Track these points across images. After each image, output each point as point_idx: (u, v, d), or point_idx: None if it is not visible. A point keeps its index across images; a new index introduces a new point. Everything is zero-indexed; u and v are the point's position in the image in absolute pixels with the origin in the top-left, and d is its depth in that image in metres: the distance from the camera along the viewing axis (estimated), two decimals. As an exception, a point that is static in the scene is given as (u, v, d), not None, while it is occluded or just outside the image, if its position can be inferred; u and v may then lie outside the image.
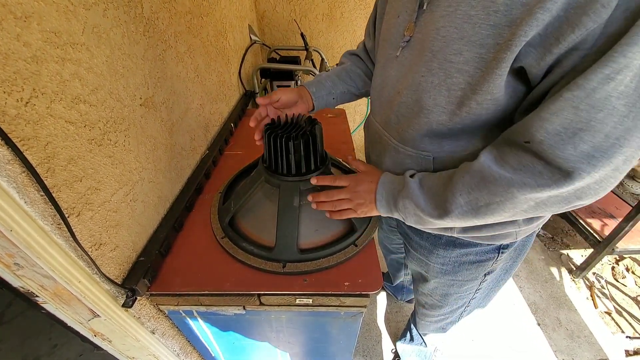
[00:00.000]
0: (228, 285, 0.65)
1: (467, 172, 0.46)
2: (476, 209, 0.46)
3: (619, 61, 0.32)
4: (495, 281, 0.76)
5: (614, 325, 1.52)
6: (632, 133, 0.35)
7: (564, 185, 0.38)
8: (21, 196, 0.41)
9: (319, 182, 0.60)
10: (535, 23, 0.34)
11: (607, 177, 0.38)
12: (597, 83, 0.33)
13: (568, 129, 0.36)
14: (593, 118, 0.35)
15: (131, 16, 0.61)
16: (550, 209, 0.43)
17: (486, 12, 0.38)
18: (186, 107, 0.87)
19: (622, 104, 0.34)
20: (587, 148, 0.36)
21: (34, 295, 0.52)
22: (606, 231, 1.59)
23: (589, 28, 0.33)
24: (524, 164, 0.41)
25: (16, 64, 0.39)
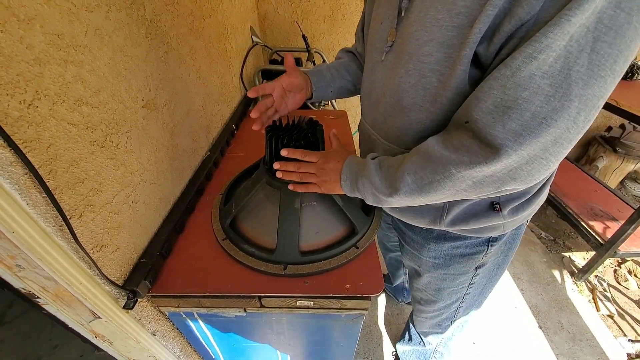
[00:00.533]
0: (229, 287, 0.65)
1: (416, 152, 0.49)
2: (421, 187, 0.48)
3: (540, 40, 0.34)
4: (489, 277, 0.77)
5: (616, 329, 1.51)
6: (559, 114, 0.36)
7: (493, 162, 0.40)
8: (23, 198, 0.41)
9: (289, 154, 0.61)
10: (486, 19, 0.38)
11: (537, 158, 0.39)
12: (521, 62, 0.36)
13: (498, 107, 0.38)
14: (519, 96, 0.37)
15: (133, 18, 0.61)
16: (487, 189, 0.44)
17: (450, 15, 0.41)
18: (188, 108, 0.88)
19: (547, 83, 0.35)
20: (515, 126, 0.38)
21: (35, 296, 0.52)
22: (608, 234, 1.58)
23: (523, 19, 0.36)
24: (463, 143, 0.43)
25: (19, 66, 0.40)
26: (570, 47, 0.34)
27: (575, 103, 0.35)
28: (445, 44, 0.43)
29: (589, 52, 0.34)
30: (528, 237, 1.99)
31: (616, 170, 2.26)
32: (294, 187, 0.63)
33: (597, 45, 0.33)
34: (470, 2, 0.39)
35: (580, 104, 0.35)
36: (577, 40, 0.33)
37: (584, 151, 2.53)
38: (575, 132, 0.38)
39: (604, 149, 2.26)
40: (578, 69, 0.34)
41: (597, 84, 0.35)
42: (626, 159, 2.18)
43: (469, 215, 0.59)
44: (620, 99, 1.50)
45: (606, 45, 0.33)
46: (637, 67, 1.81)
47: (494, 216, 0.58)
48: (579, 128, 0.37)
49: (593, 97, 0.35)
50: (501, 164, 0.40)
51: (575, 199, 1.86)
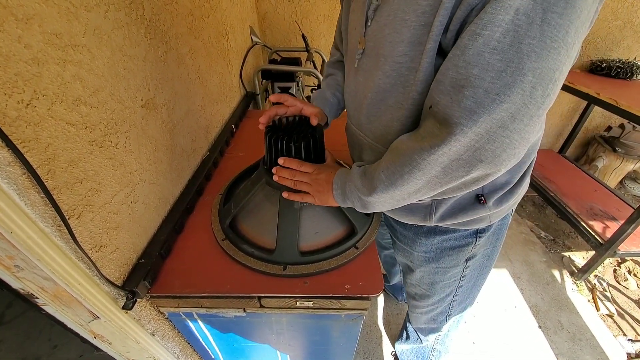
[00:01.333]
0: (228, 287, 0.65)
1: (389, 150, 0.51)
2: (394, 181, 0.49)
3: (482, 17, 0.35)
4: (479, 269, 0.79)
5: (615, 328, 1.51)
6: (512, 89, 0.36)
7: (451, 142, 0.40)
8: (21, 198, 0.41)
9: (285, 163, 0.63)
10: (445, 11, 0.39)
11: (497, 136, 0.39)
12: (467, 40, 0.37)
13: (454, 87, 0.39)
14: (470, 74, 0.37)
15: (132, 18, 0.61)
16: (458, 173, 0.44)
17: (416, 14, 0.42)
18: (187, 108, 0.87)
19: (497, 59, 0.35)
20: (470, 103, 0.38)
21: (34, 297, 0.52)
22: (608, 233, 1.59)
23: (473, 4, 0.37)
24: (427, 129, 0.44)
25: (17, 66, 0.39)
26: (517, 20, 0.33)
27: (529, 77, 0.35)
28: (416, 42, 0.44)
29: (539, 23, 0.33)
30: (528, 237, 1.99)
31: (616, 170, 2.26)
32: (288, 194, 0.64)
33: (548, 16, 0.33)
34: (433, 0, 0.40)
35: (535, 77, 0.35)
36: (525, 13, 0.33)
37: (584, 151, 2.53)
38: (534, 107, 0.37)
39: (604, 148, 2.26)
40: (529, 42, 0.34)
41: (550, 56, 0.34)
42: (626, 159, 2.18)
43: (457, 210, 0.61)
44: (620, 98, 1.50)
45: (557, 15, 0.33)
46: (636, 66, 1.81)
47: (480, 208, 0.60)
48: (537, 103, 0.37)
49: (548, 70, 0.35)
50: (460, 143, 0.40)
51: (574, 198, 1.87)
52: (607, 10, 1.82)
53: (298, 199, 0.64)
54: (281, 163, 0.63)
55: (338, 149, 1.11)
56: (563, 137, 2.43)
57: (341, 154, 1.07)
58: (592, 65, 1.98)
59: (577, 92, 1.75)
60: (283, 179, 0.63)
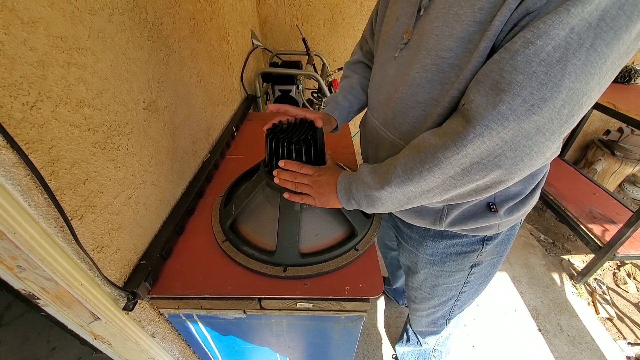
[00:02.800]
0: (229, 289, 0.65)
1: (409, 146, 0.50)
2: (411, 177, 0.48)
3: (538, 26, 0.35)
4: (484, 276, 0.79)
5: (615, 332, 1.51)
6: (546, 103, 0.36)
7: (475, 142, 0.40)
8: (25, 199, 0.41)
9: (286, 166, 0.63)
10: (507, 12, 0.38)
11: (520, 145, 0.39)
12: (520, 46, 0.36)
13: (493, 90, 0.39)
14: (514, 80, 0.37)
15: (136, 21, 0.62)
16: (474, 176, 0.44)
17: (472, 10, 0.42)
18: (189, 111, 0.88)
19: (542, 71, 0.36)
20: (505, 109, 0.38)
21: (35, 297, 0.52)
22: (607, 237, 1.59)
23: (530, 9, 0.37)
24: (452, 127, 0.44)
25: (23, 69, 0.40)
26: (570, 39, 0.34)
27: (562, 95, 0.36)
28: (465, 38, 0.43)
29: (588, 47, 0.34)
30: (527, 240, 1.99)
31: (615, 173, 2.27)
32: (289, 195, 0.64)
33: (596, 42, 0.34)
34: None
35: (567, 97, 0.36)
36: (579, 33, 0.34)
37: (583, 154, 2.54)
38: (558, 124, 0.38)
39: (602, 152, 2.27)
40: (575, 62, 0.35)
41: (585, 80, 0.35)
42: (624, 162, 2.19)
43: (467, 217, 0.61)
44: (618, 102, 1.51)
45: (604, 43, 0.34)
46: (634, 71, 1.82)
47: (491, 216, 0.60)
48: (562, 121, 0.38)
49: (580, 92, 0.36)
50: (485, 146, 0.41)
51: (574, 201, 1.87)
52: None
53: (298, 200, 0.64)
54: (282, 165, 0.63)
55: (338, 151, 1.12)
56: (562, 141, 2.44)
57: (341, 156, 1.08)
58: (590, 69, 1.99)
59: (575, 96, 1.75)
60: (284, 181, 0.63)
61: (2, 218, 0.39)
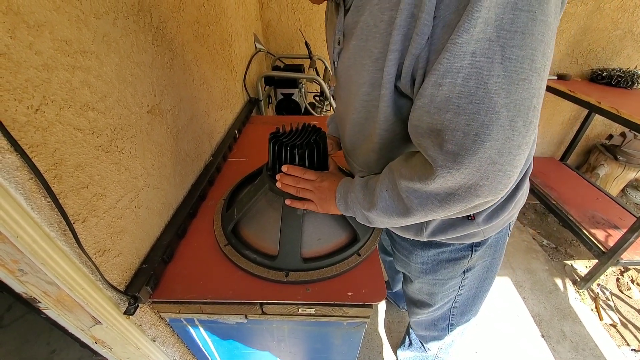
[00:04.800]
0: (230, 293, 0.64)
1: (388, 169, 0.52)
2: (395, 205, 0.50)
3: (438, 68, 0.36)
4: (480, 280, 0.78)
5: (619, 338, 1.49)
6: (489, 127, 0.35)
7: (440, 182, 0.41)
8: (28, 202, 0.41)
9: (289, 171, 0.63)
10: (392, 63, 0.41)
11: (489, 172, 0.38)
12: (432, 89, 0.37)
13: (432, 131, 0.40)
14: (444, 119, 0.37)
15: (140, 25, 0.62)
16: (456, 207, 0.44)
17: (371, 60, 0.45)
18: (192, 114, 0.88)
19: (466, 102, 0.35)
20: (452, 147, 0.38)
21: (36, 301, 0.52)
22: (610, 242, 1.58)
23: (416, 54, 0.38)
24: (417, 162, 0.46)
25: (28, 72, 0.40)
26: (477, 63, 0.33)
27: (504, 113, 0.34)
28: (375, 84, 0.46)
29: (499, 61, 0.33)
30: (530, 245, 1.98)
31: (617, 178, 2.26)
32: (291, 202, 0.64)
33: (507, 52, 0.33)
34: (382, 48, 0.42)
35: (510, 111, 0.34)
36: (483, 54, 0.33)
37: (585, 159, 2.53)
38: (519, 138, 0.36)
39: (605, 156, 2.26)
40: (495, 80, 0.34)
41: (521, 88, 0.34)
42: (627, 167, 2.18)
43: (447, 226, 0.61)
44: (621, 107, 1.51)
45: (517, 49, 0.32)
46: (636, 75, 1.82)
47: (470, 225, 0.60)
48: (521, 133, 0.36)
49: (523, 100, 0.34)
50: (450, 183, 0.40)
51: (576, 206, 1.86)
52: (608, 20, 1.84)
53: (300, 206, 0.64)
54: (285, 170, 0.63)
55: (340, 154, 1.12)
56: (564, 145, 2.44)
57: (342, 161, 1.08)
58: (592, 74, 1.99)
59: (578, 101, 1.76)
60: (286, 186, 0.63)
61: (4, 222, 0.39)
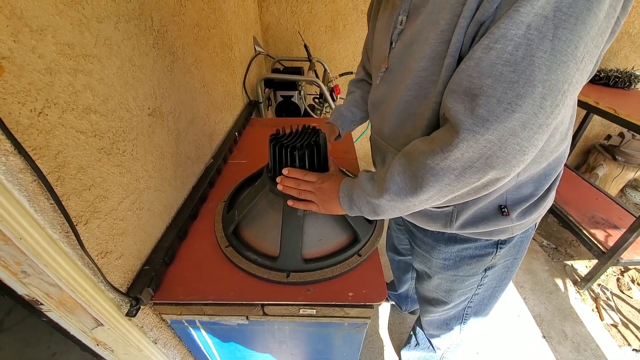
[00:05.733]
0: (232, 294, 0.65)
1: (402, 153, 0.52)
2: (408, 185, 0.50)
3: (494, 32, 0.37)
4: (498, 279, 0.78)
5: (620, 338, 1.49)
6: (523, 99, 0.37)
7: (462, 147, 0.42)
8: (31, 204, 0.42)
9: (290, 174, 0.64)
10: (461, 30, 0.42)
11: (509, 144, 0.40)
12: (481, 52, 0.39)
13: (468, 96, 0.41)
14: (484, 84, 0.39)
15: (141, 29, 0.63)
16: (470, 180, 0.45)
17: (436, 33, 0.46)
18: (192, 116, 0.89)
19: (509, 70, 0.37)
20: (483, 112, 0.39)
21: (38, 303, 0.52)
22: (610, 242, 1.58)
23: (481, 20, 0.40)
24: (439, 134, 0.46)
25: (31, 76, 0.41)
26: (530, 35, 0.36)
27: (539, 88, 0.37)
28: (435, 57, 0.47)
29: (551, 38, 0.35)
30: (530, 246, 1.97)
31: (616, 178, 2.26)
32: (293, 203, 0.65)
33: (559, 32, 0.35)
34: (450, 18, 0.43)
35: (545, 89, 0.37)
36: (537, 28, 0.35)
37: (584, 159, 2.54)
38: (543, 117, 0.38)
39: (604, 157, 2.27)
40: (541, 55, 0.36)
41: (560, 69, 0.36)
42: (626, 167, 2.18)
43: (479, 219, 0.61)
44: (619, 107, 1.52)
45: (567, 31, 0.35)
46: (634, 76, 1.83)
47: (503, 220, 0.59)
48: (547, 113, 0.38)
49: (557, 82, 0.37)
50: (472, 149, 0.41)
51: (576, 207, 1.86)
52: (604, 22, 1.85)
53: (303, 208, 0.64)
54: (285, 173, 0.64)
55: (340, 156, 1.12)
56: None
57: (343, 162, 1.08)
58: (590, 74, 2.00)
59: (576, 101, 1.76)
60: (288, 188, 0.64)
61: (8, 223, 0.40)
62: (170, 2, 0.74)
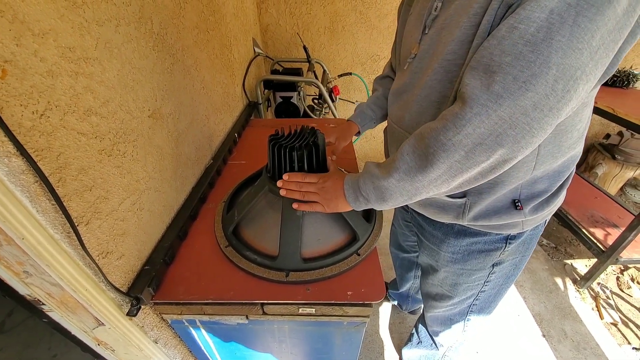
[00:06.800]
0: (231, 294, 0.65)
1: (414, 135, 0.53)
2: (418, 164, 0.50)
3: (519, 13, 0.39)
4: (505, 277, 0.78)
5: (620, 337, 1.49)
6: (537, 79, 0.39)
7: (474, 122, 0.43)
8: (33, 205, 0.42)
9: (290, 178, 0.64)
10: (492, 12, 0.44)
11: (519, 122, 0.42)
12: (505, 31, 0.40)
13: (486, 72, 0.42)
14: (503, 61, 0.40)
15: (141, 32, 0.64)
16: (479, 158, 0.46)
17: (468, 16, 0.47)
18: (192, 118, 0.89)
19: (529, 50, 0.39)
20: (498, 88, 0.41)
21: (40, 303, 0.53)
22: (609, 240, 1.58)
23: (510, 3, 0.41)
24: (451, 110, 0.47)
25: (33, 78, 0.41)
26: (552, 19, 0.37)
27: (553, 70, 0.38)
28: (465, 40, 0.49)
29: (571, 24, 0.37)
30: (529, 245, 1.98)
31: (616, 177, 2.27)
32: (298, 205, 0.65)
33: (579, 19, 0.37)
34: (483, 1, 0.44)
35: (558, 72, 0.39)
36: (559, 13, 0.37)
37: (583, 158, 2.54)
38: (554, 100, 0.40)
39: (603, 156, 2.27)
40: (559, 39, 0.37)
41: (574, 55, 0.38)
42: (625, 166, 2.19)
43: (491, 212, 0.62)
44: (618, 107, 1.52)
45: (587, 20, 0.36)
46: (632, 75, 1.83)
47: (516, 214, 0.60)
48: (558, 96, 0.40)
49: (571, 67, 0.38)
50: (484, 125, 0.43)
51: (575, 206, 1.87)
52: (602, 21, 1.86)
53: (308, 209, 0.65)
54: (286, 179, 0.64)
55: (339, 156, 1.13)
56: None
57: (342, 162, 1.09)
58: (588, 74, 2.00)
59: (574, 101, 1.77)
60: (291, 191, 0.64)
61: (10, 224, 0.40)
62: (170, 4, 0.75)
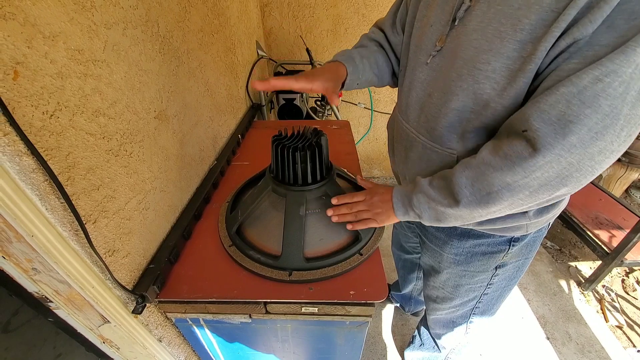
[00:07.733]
0: (235, 292, 0.66)
1: (468, 165, 0.52)
2: (479, 199, 0.51)
3: (607, 65, 0.38)
4: (508, 279, 0.78)
5: (625, 340, 1.48)
6: (608, 130, 0.40)
7: (544, 168, 0.44)
8: (43, 203, 0.43)
9: (339, 201, 0.67)
10: (551, 39, 0.41)
11: (585, 166, 0.43)
12: (588, 82, 0.39)
13: (561, 120, 0.41)
14: (582, 113, 0.40)
15: (148, 35, 0.65)
16: (542, 196, 0.47)
17: (514, 29, 0.44)
18: (196, 119, 0.90)
19: (607, 104, 0.39)
20: (574, 140, 0.41)
21: (47, 300, 0.54)
22: (614, 243, 1.57)
23: (577, 38, 0.40)
24: (516, 151, 0.46)
25: (43, 80, 0.42)
26: (634, 74, 0.37)
27: (621, 121, 0.40)
28: (505, 55, 0.46)
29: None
30: (533, 247, 1.97)
31: (620, 178, 2.25)
32: (352, 226, 0.67)
33: None
34: (536, 21, 0.42)
35: (625, 121, 0.40)
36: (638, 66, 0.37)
37: (587, 160, 2.53)
38: (617, 145, 0.41)
39: (607, 158, 2.25)
40: (633, 93, 0.38)
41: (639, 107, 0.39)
42: (630, 168, 2.17)
43: None
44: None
45: None
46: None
47: (520, 217, 0.60)
48: (621, 141, 0.41)
49: (636, 116, 0.40)
50: (553, 170, 0.44)
51: (579, 208, 1.86)
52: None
53: (363, 227, 0.67)
54: (335, 203, 0.67)
55: (342, 157, 1.13)
56: None
57: (345, 163, 1.09)
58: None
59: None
60: (343, 215, 0.67)
61: (20, 221, 0.41)
62: (176, 8, 0.77)
